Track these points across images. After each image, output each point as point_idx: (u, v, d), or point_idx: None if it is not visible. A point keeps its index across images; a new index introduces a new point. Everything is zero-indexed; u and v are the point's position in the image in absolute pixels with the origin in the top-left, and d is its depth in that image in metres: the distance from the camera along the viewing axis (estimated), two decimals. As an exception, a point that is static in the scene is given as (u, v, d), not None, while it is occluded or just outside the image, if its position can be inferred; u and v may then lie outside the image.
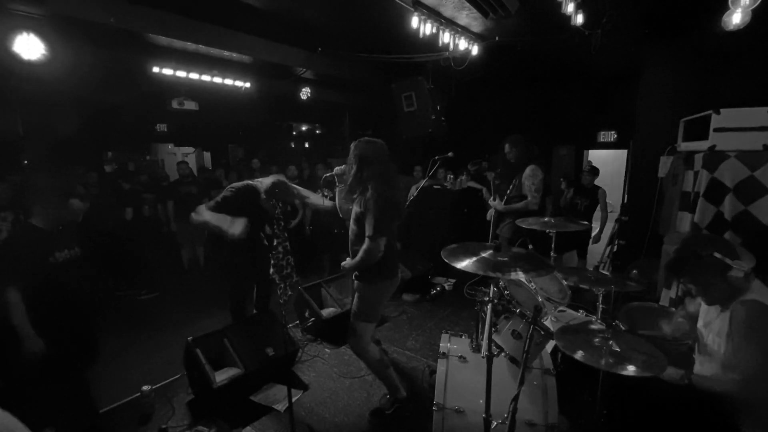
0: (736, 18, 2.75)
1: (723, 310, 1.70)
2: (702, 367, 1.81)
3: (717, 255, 1.63)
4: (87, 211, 4.67)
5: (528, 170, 3.65)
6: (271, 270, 2.39)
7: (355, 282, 2.53)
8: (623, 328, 2.06)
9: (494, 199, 3.88)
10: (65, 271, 2.37)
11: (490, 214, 3.97)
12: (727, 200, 2.62)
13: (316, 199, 3.25)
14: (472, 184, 5.71)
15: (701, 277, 1.71)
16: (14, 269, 2.14)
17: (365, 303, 2.48)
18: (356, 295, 2.52)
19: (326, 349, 3.51)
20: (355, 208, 2.42)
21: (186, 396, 2.85)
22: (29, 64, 3.20)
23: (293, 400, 2.43)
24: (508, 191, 3.77)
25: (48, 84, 4.20)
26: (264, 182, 3.03)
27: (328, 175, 2.62)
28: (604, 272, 2.37)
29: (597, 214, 5.09)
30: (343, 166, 2.49)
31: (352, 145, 2.43)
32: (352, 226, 2.47)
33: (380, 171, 2.34)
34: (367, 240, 2.30)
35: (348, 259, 2.50)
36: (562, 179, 5.57)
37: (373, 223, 2.28)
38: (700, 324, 1.86)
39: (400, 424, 2.58)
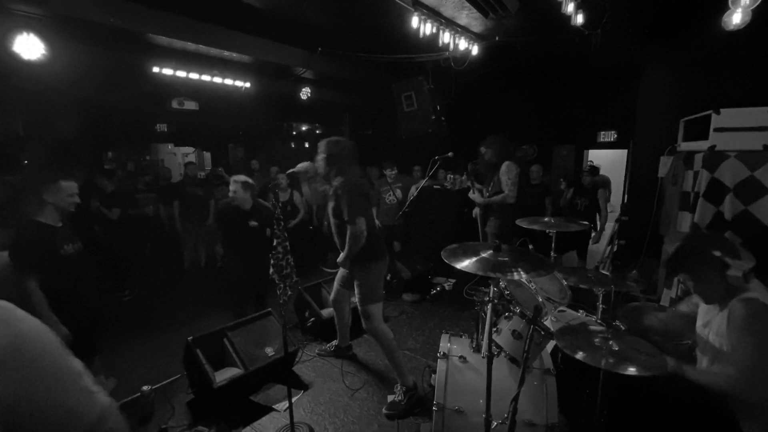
0: (736, 18, 2.75)
1: (722, 309, 1.70)
2: (704, 366, 1.81)
3: (716, 253, 1.63)
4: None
5: (503, 166, 3.89)
6: (271, 270, 2.39)
7: (353, 273, 2.81)
8: (623, 328, 2.06)
9: (473, 192, 4.16)
10: (74, 264, 2.51)
11: (476, 212, 4.22)
12: (727, 200, 2.61)
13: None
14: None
15: (699, 275, 1.71)
16: (33, 263, 2.28)
17: (366, 287, 2.76)
18: (355, 284, 2.79)
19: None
20: (330, 204, 2.75)
21: (186, 396, 2.85)
22: (29, 64, 3.20)
23: (293, 400, 2.43)
24: (489, 188, 4.02)
25: (48, 84, 4.20)
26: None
27: (291, 171, 2.86)
28: (604, 272, 2.36)
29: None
30: (306, 163, 2.80)
31: (321, 145, 2.80)
32: (333, 220, 2.79)
33: (345, 166, 2.72)
34: (349, 227, 2.62)
35: (341, 254, 2.78)
36: (561, 179, 5.58)
37: (347, 207, 2.60)
38: (699, 324, 1.86)
39: (400, 424, 2.58)
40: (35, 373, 0.56)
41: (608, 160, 8.47)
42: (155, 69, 4.44)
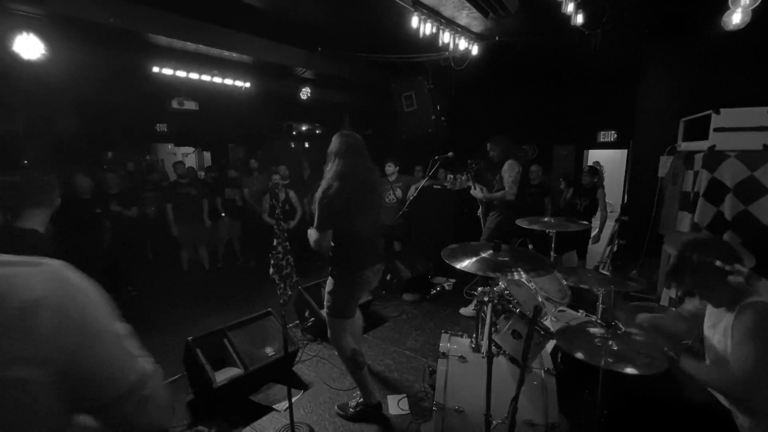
0: (736, 18, 2.75)
1: (730, 311, 1.69)
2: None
3: (717, 263, 1.61)
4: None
5: (506, 165, 4.04)
6: (271, 270, 2.39)
7: (328, 278, 2.59)
8: (623, 328, 2.06)
9: (474, 189, 4.29)
10: None
11: (480, 211, 4.36)
12: (727, 200, 2.62)
13: None
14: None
15: (702, 284, 1.70)
16: None
17: (332, 297, 2.53)
18: (326, 290, 2.59)
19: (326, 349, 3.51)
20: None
21: (186, 396, 2.85)
22: (29, 64, 3.20)
23: (293, 400, 2.43)
24: (493, 186, 4.18)
25: (48, 84, 4.20)
26: None
27: None
28: (604, 272, 2.36)
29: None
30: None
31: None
32: None
33: (343, 165, 2.37)
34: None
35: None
36: (561, 179, 5.58)
37: (315, 215, 2.39)
38: (707, 325, 1.85)
39: (400, 424, 2.58)
40: (80, 330, 0.62)
41: (608, 160, 8.48)
42: (155, 69, 4.45)
